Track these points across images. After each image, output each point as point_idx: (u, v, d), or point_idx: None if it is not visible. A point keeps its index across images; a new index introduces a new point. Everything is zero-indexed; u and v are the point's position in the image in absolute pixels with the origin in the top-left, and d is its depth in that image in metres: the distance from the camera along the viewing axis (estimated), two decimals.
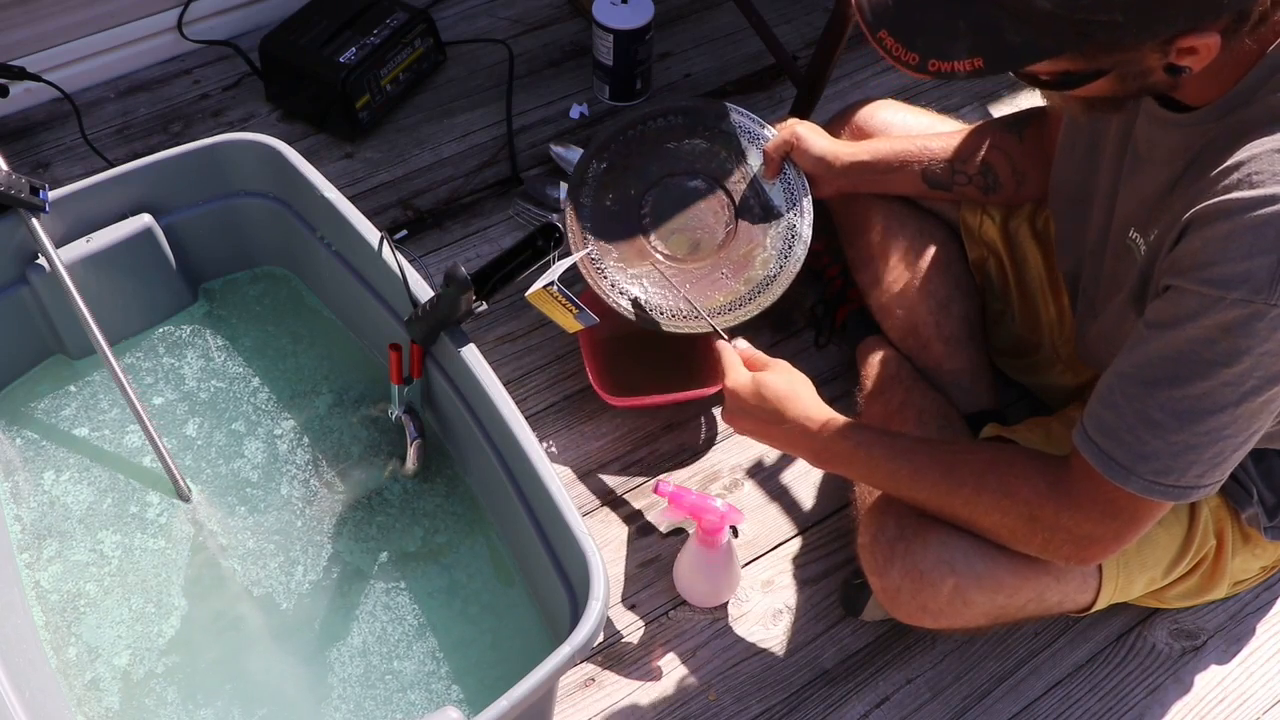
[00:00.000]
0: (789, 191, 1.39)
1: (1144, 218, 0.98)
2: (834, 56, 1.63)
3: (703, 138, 1.44)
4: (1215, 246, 0.83)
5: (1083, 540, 0.98)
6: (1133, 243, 1.00)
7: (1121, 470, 0.91)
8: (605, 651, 1.25)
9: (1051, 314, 1.33)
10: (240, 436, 1.34)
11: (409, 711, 1.15)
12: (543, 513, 1.11)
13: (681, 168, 1.43)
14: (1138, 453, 0.90)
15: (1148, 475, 0.90)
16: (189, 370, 1.40)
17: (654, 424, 1.44)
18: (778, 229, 1.38)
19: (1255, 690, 1.25)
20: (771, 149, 1.39)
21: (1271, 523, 1.12)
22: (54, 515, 1.27)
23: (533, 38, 1.93)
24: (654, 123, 1.45)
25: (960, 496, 1.03)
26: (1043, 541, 1.00)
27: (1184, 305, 0.86)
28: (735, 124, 1.44)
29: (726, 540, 1.23)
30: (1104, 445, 0.92)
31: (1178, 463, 0.89)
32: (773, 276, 1.36)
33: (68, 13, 1.71)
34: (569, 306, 1.17)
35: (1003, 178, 1.30)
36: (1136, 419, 0.89)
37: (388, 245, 1.25)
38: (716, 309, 1.35)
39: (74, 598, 1.21)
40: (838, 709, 1.22)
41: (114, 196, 1.33)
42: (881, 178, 1.35)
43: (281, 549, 1.25)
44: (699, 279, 1.37)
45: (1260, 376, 0.84)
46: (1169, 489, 0.91)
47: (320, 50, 1.69)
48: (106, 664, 1.16)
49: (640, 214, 1.41)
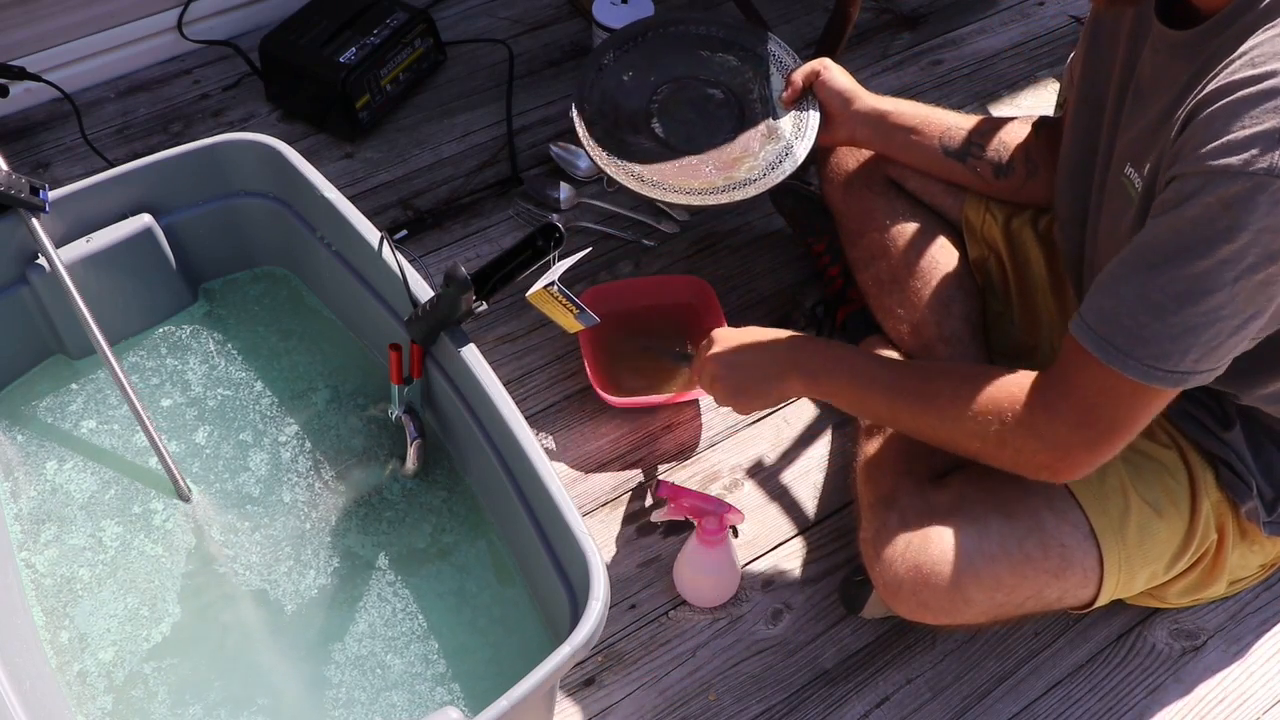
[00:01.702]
0: (799, 121, 1.39)
1: (1139, 151, 0.98)
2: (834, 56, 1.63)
3: (735, 55, 1.46)
4: (1218, 124, 0.83)
5: (1055, 447, 0.97)
6: (1127, 179, 0.99)
7: (1118, 354, 0.90)
8: (605, 651, 1.25)
9: (1052, 315, 1.33)
10: (240, 436, 1.34)
11: (407, 711, 1.15)
12: (543, 513, 1.11)
13: (705, 75, 1.45)
14: (1136, 336, 0.89)
15: (1146, 360, 0.89)
16: (189, 370, 1.40)
17: (654, 424, 1.44)
18: (775, 146, 1.38)
19: (1255, 690, 1.25)
20: (798, 75, 1.39)
21: (1270, 517, 1.12)
22: (54, 514, 1.27)
23: (533, 38, 1.93)
24: (695, 28, 1.47)
25: (935, 406, 1.04)
26: (1014, 452, 1.00)
27: (1186, 187, 0.85)
28: (770, 52, 1.45)
29: (726, 540, 1.23)
30: (1102, 331, 0.91)
31: (1176, 346, 0.88)
32: (752, 180, 1.35)
33: (68, 13, 1.71)
34: (569, 306, 1.17)
35: (1016, 163, 1.30)
36: (1137, 302, 0.89)
37: (388, 245, 1.25)
38: (687, 190, 1.34)
39: (69, 581, 1.21)
40: (838, 709, 1.22)
41: (114, 196, 1.33)
42: (898, 135, 1.34)
43: (281, 549, 1.25)
44: (682, 166, 1.37)
45: (1259, 253, 0.83)
46: (1167, 374, 0.90)
47: (320, 50, 1.69)
48: (95, 657, 1.16)
49: (651, 97, 1.43)
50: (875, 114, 1.35)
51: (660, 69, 1.45)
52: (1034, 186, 1.30)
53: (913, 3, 2.06)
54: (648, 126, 1.40)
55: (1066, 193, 1.19)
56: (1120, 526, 1.09)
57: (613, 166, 1.34)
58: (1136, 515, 1.09)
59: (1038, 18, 2.04)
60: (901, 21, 2.02)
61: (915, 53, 1.96)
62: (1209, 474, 1.12)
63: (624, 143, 1.39)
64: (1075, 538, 1.08)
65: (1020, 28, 2.02)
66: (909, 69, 1.93)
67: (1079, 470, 0.98)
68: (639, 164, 1.36)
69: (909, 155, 1.35)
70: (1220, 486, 1.12)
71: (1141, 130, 0.99)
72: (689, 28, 1.47)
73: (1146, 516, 1.10)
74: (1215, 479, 1.12)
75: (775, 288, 1.60)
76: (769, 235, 1.66)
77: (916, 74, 1.92)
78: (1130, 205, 0.98)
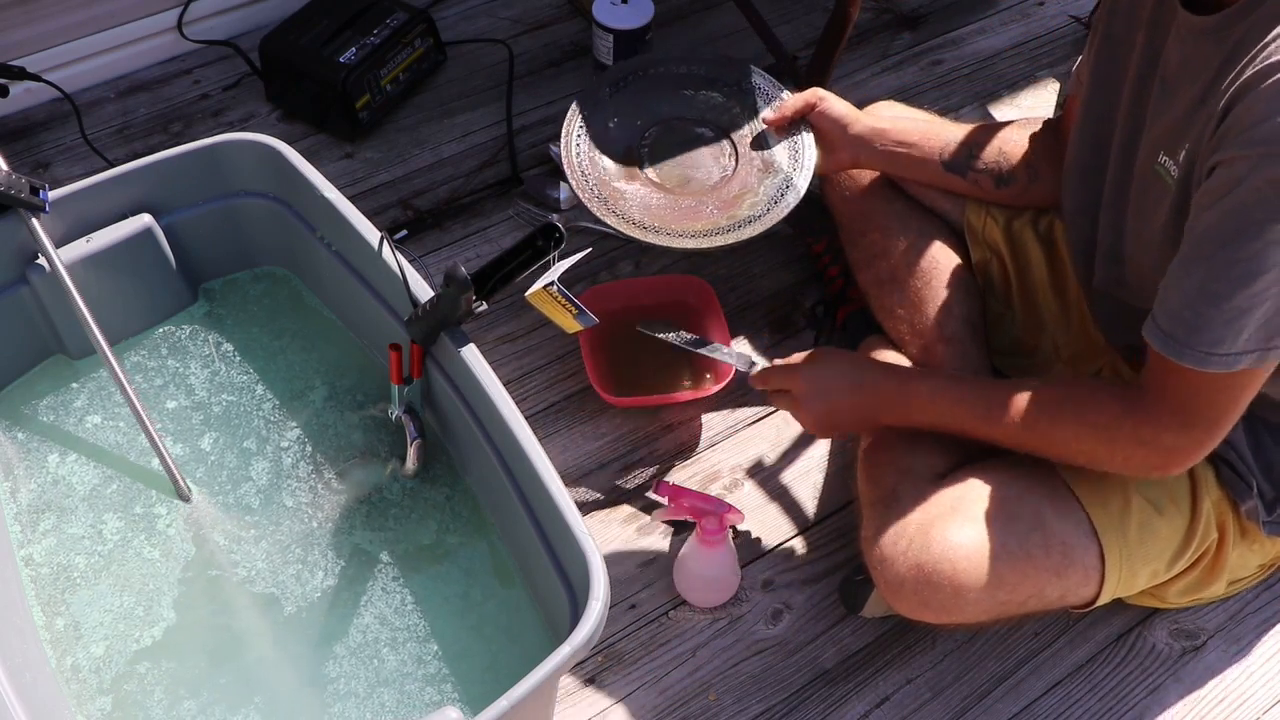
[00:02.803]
0: (794, 150, 1.36)
1: (1173, 139, 0.99)
2: (834, 56, 1.63)
3: (720, 91, 1.43)
4: (1261, 106, 0.84)
5: (1165, 450, 1.00)
6: (1161, 167, 1.00)
7: (1180, 347, 0.93)
8: (605, 651, 1.25)
9: (1054, 314, 1.33)
10: (240, 436, 1.34)
11: (405, 710, 1.15)
12: (543, 513, 1.11)
13: (692, 115, 1.42)
14: (1193, 326, 0.92)
15: (1202, 347, 0.92)
16: (189, 370, 1.40)
17: (654, 424, 1.44)
18: (775, 180, 1.35)
19: (1255, 690, 1.25)
20: (790, 105, 1.37)
21: (1270, 516, 1.13)
22: (54, 504, 1.27)
23: (533, 38, 1.93)
24: (676, 67, 1.45)
25: (1037, 432, 1.06)
26: (1125, 459, 1.03)
27: (1233, 172, 0.87)
28: (755, 85, 1.43)
29: (726, 540, 1.23)
30: (1168, 328, 0.94)
31: (1230, 329, 0.90)
32: (756, 217, 1.32)
33: (68, 13, 1.71)
34: (569, 307, 1.17)
35: (1017, 172, 1.30)
36: (1196, 292, 0.91)
37: (388, 245, 1.25)
38: (692, 233, 1.31)
39: (66, 572, 1.21)
40: (838, 709, 1.22)
41: (114, 196, 1.32)
42: (898, 152, 1.33)
43: (282, 549, 1.25)
44: (682, 209, 1.34)
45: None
46: (1220, 358, 0.92)
47: (320, 50, 1.69)
48: (89, 654, 1.16)
49: (641, 142, 1.40)
50: (874, 133, 1.34)
51: (645, 112, 1.42)
52: (1036, 191, 1.30)
53: (913, 3, 2.06)
54: (642, 172, 1.37)
55: (1076, 186, 1.19)
56: (1121, 524, 1.09)
57: (611, 218, 1.31)
58: (1137, 513, 1.10)
59: (1038, 18, 2.04)
60: (901, 21, 2.02)
61: (915, 53, 1.96)
62: (1209, 472, 1.12)
63: (619, 191, 1.34)
64: (1077, 536, 1.08)
65: (1020, 28, 2.02)
66: (909, 69, 1.93)
67: (1189, 464, 1.02)
68: (638, 211, 1.32)
69: (911, 173, 1.36)
70: (1220, 485, 1.12)
71: (1174, 119, 0.99)
72: (669, 68, 1.45)
73: (1147, 514, 1.10)
74: (1216, 477, 1.13)
75: (775, 288, 1.60)
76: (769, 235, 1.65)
77: (916, 74, 1.92)
78: (1167, 193, 0.99)
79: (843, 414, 1.20)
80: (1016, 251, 1.34)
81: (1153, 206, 1.03)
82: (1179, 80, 0.99)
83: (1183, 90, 0.98)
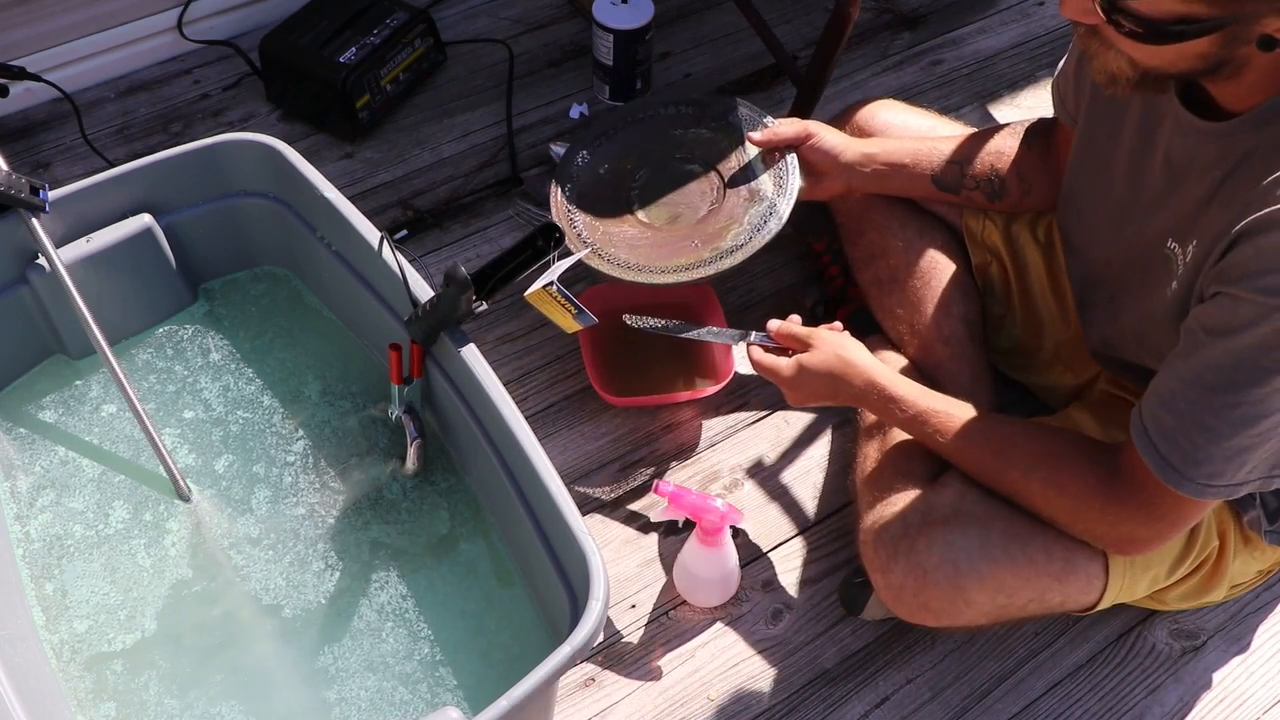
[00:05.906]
0: (778, 175, 1.38)
1: (1182, 229, 1.00)
2: (834, 56, 1.62)
3: (708, 128, 1.46)
4: (1270, 256, 0.85)
5: (1126, 538, 1.02)
6: (1171, 252, 1.01)
7: (1175, 474, 0.94)
8: (605, 651, 1.25)
9: (1053, 315, 1.33)
10: (240, 437, 1.34)
11: (406, 710, 1.15)
12: (543, 513, 1.11)
13: (682, 154, 1.45)
14: (1192, 458, 0.93)
15: (1200, 479, 0.93)
16: (189, 370, 1.40)
17: (654, 424, 1.44)
18: (758, 208, 1.37)
19: (1255, 690, 1.25)
20: (781, 137, 1.38)
21: (1272, 526, 1.12)
22: (53, 489, 1.27)
23: (533, 38, 1.93)
24: (664, 110, 1.48)
25: (1008, 479, 1.08)
26: (1084, 531, 1.05)
27: (1240, 313, 0.88)
28: (741, 117, 1.45)
29: (726, 540, 1.23)
30: (1162, 449, 0.94)
31: (1230, 465, 0.92)
32: (738, 246, 1.35)
33: (68, 13, 1.71)
34: (568, 307, 1.17)
35: (1010, 185, 1.30)
36: (1194, 424, 0.92)
37: (388, 245, 1.25)
38: (674, 268, 1.34)
39: (63, 563, 1.21)
40: (838, 709, 1.22)
41: (114, 196, 1.32)
42: (890, 174, 1.33)
43: (281, 549, 1.25)
44: (667, 244, 1.37)
45: None
46: (1220, 489, 0.94)
47: (320, 50, 1.69)
48: (94, 650, 1.16)
49: (630, 186, 1.43)
50: (864, 158, 1.34)
51: (636, 156, 1.46)
52: (1031, 201, 1.31)
53: (913, 3, 2.06)
54: (631, 214, 1.41)
55: (1073, 221, 1.20)
56: None
57: (595, 260, 1.35)
58: None
59: (1038, 18, 2.04)
60: (901, 21, 2.02)
61: (915, 53, 1.96)
62: None
63: (610, 235, 1.38)
64: (1079, 542, 1.08)
65: (1020, 28, 2.02)
66: (909, 69, 1.93)
67: (1148, 550, 1.05)
68: (624, 251, 1.36)
69: (904, 193, 1.36)
70: None
71: (1183, 212, 1.00)
72: (657, 111, 1.49)
73: None
74: None
75: (775, 288, 1.60)
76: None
77: (916, 74, 1.92)
78: (1172, 277, 1.01)
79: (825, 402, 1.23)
80: (1015, 254, 1.34)
81: (1156, 284, 1.04)
82: (1185, 173, 1.00)
83: (1190, 182, 0.99)
